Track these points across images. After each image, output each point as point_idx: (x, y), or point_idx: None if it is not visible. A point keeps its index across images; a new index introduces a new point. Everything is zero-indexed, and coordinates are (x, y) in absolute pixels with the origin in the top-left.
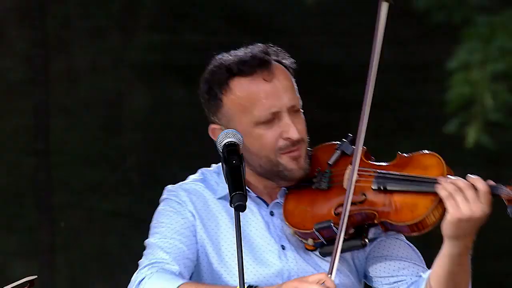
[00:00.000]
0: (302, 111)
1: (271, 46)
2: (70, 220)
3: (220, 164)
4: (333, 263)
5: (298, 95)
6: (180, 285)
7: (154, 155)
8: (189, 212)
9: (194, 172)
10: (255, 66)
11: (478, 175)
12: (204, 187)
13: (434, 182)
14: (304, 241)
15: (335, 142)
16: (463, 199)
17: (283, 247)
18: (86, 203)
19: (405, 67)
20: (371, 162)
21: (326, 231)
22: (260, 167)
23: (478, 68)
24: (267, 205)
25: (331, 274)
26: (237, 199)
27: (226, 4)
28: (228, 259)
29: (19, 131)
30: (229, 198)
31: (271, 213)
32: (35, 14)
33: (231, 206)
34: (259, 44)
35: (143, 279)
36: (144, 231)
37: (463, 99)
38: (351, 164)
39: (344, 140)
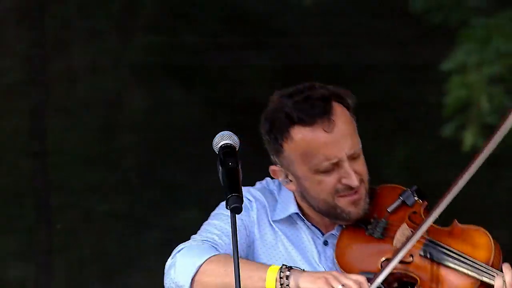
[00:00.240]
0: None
1: (330, 86)
2: (68, 220)
3: (279, 180)
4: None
5: (358, 137)
6: (211, 256)
7: (153, 156)
8: (253, 217)
9: (193, 172)
10: (315, 116)
11: (474, 178)
12: (266, 203)
13: (484, 270)
14: None
15: (400, 187)
16: None
17: None
18: (84, 204)
19: (403, 68)
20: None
21: (370, 280)
22: (318, 208)
23: (474, 71)
24: (322, 234)
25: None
26: (233, 201)
27: (225, 4)
28: None
29: (17, 132)
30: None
31: (325, 243)
32: (34, 14)
33: (227, 208)
34: (316, 85)
35: (184, 247)
36: (143, 231)
37: (460, 102)
38: (408, 219)
39: (408, 189)
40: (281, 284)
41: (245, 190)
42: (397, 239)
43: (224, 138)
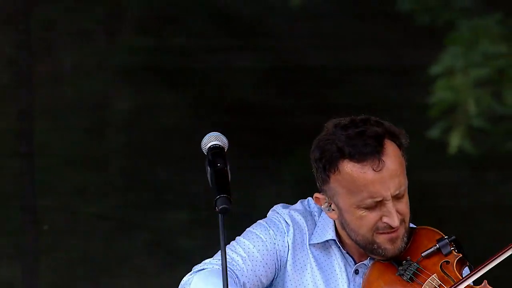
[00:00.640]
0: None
1: (385, 123)
2: (54, 223)
3: (321, 208)
4: None
5: (405, 177)
6: None
7: (140, 157)
8: (287, 242)
9: (181, 174)
10: (366, 154)
11: (460, 180)
12: (306, 223)
13: None
14: None
15: (438, 233)
16: None
17: None
18: (71, 205)
19: (390, 70)
20: (458, 273)
21: None
22: (356, 240)
23: (461, 74)
24: (355, 263)
25: None
26: (222, 202)
27: (212, 7)
28: None
29: (4, 133)
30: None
31: (356, 272)
32: (20, 16)
33: (216, 210)
34: (372, 119)
35: (205, 270)
36: (130, 233)
37: (447, 105)
38: (440, 268)
39: (446, 237)
40: None
41: (285, 211)
42: (424, 287)
43: (212, 139)
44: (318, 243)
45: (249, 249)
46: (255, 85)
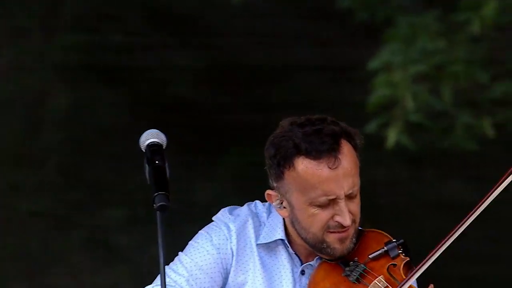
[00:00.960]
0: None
1: (341, 123)
2: None
3: (272, 205)
4: None
5: (358, 178)
6: None
7: (78, 155)
8: (230, 249)
9: (118, 171)
10: (323, 152)
11: (398, 177)
12: (252, 226)
13: None
14: None
15: (387, 236)
16: None
17: None
18: (7, 203)
19: (328, 68)
20: (404, 277)
21: None
22: (305, 239)
23: (400, 70)
24: (301, 264)
25: None
26: (160, 199)
27: (150, 4)
28: None
29: None
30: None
31: (302, 272)
32: None
33: (154, 207)
34: (328, 119)
35: None
36: (67, 231)
37: (384, 100)
38: (387, 270)
39: (395, 241)
40: None
41: (228, 216)
42: None
43: (151, 137)
44: (266, 243)
45: (191, 267)
46: (193, 83)
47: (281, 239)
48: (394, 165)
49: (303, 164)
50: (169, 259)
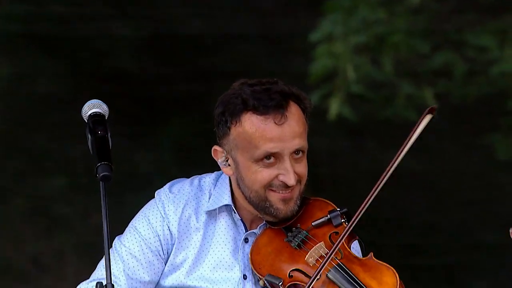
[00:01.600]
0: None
1: (292, 87)
2: None
3: (219, 172)
4: None
5: (306, 141)
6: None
7: (17, 124)
8: (168, 230)
9: (59, 141)
10: (270, 107)
11: (339, 147)
12: (194, 201)
13: None
14: (258, 279)
15: (332, 205)
16: None
17: (244, 277)
18: None
19: (268, 38)
20: (346, 245)
21: (275, 285)
22: (249, 198)
23: (340, 40)
24: (246, 231)
25: None
26: (103, 169)
27: None
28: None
29: None
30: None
31: (246, 240)
32: None
33: (97, 177)
34: (280, 82)
35: None
36: (8, 200)
37: (326, 71)
38: (328, 238)
39: (338, 210)
40: None
41: (168, 194)
42: (310, 254)
43: (93, 107)
44: (212, 210)
45: (127, 256)
46: (133, 54)
47: (228, 205)
48: (335, 136)
49: (249, 120)
50: (112, 229)
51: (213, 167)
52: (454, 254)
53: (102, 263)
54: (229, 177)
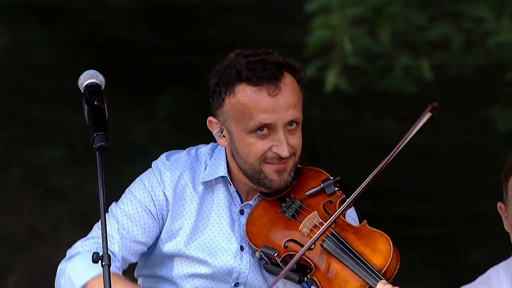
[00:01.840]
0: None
1: (289, 57)
2: None
3: (215, 144)
4: None
5: (300, 113)
6: (98, 275)
7: (14, 94)
8: (164, 195)
9: (56, 111)
10: (263, 78)
11: (335, 118)
12: (189, 170)
13: (374, 276)
14: (254, 250)
15: (325, 174)
16: None
17: (241, 248)
18: None
19: (264, 9)
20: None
21: (271, 256)
22: (243, 170)
23: (337, 12)
24: (241, 203)
25: None
26: (99, 139)
27: None
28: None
29: None
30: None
31: (241, 212)
32: None
33: (93, 147)
34: (275, 53)
35: (78, 254)
36: (4, 170)
37: (323, 43)
38: (322, 207)
39: (332, 178)
40: None
41: (165, 162)
42: (304, 224)
43: (89, 77)
44: (208, 181)
45: (122, 217)
46: (129, 24)
47: (223, 176)
48: (331, 107)
49: (243, 91)
50: (108, 199)
51: (209, 137)
52: (452, 224)
53: (98, 224)
54: (225, 149)
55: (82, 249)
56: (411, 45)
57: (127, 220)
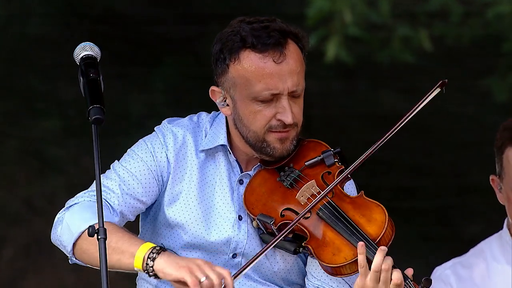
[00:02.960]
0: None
1: (292, 25)
2: None
3: (216, 112)
4: (248, 265)
5: (303, 80)
6: (94, 224)
7: (9, 66)
8: (166, 157)
9: (52, 82)
10: (269, 45)
11: (337, 89)
12: (191, 135)
13: (368, 245)
14: (252, 219)
15: (325, 145)
16: (375, 278)
17: (240, 217)
18: None
19: None
20: (339, 185)
21: (267, 225)
22: (246, 138)
23: None
24: (241, 172)
25: (237, 276)
26: (95, 112)
27: None
28: (176, 212)
29: None
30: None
31: (241, 181)
32: None
33: (89, 120)
34: (278, 20)
35: (77, 204)
36: (0, 141)
37: (323, 14)
38: (321, 177)
39: (331, 149)
40: (146, 264)
41: (168, 125)
42: (301, 193)
43: (85, 49)
44: (208, 149)
45: (123, 173)
46: None
47: (223, 145)
48: (328, 78)
49: (248, 57)
50: (103, 171)
51: (205, 109)
52: (448, 196)
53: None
54: (226, 118)
55: (82, 200)
56: (410, 15)
57: (128, 176)
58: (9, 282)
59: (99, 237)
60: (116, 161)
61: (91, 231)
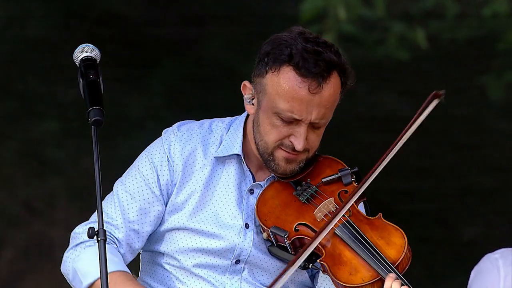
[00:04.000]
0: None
1: (343, 57)
2: None
3: (231, 119)
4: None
5: (331, 114)
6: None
7: (8, 68)
8: (171, 169)
9: (51, 84)
10: (311, 73)
11: None
12: (201, 142)
13: (387, 267)
14: (262, 230)
15: (342, 164)
16: None
17: (246, 226)
18: None
19: None
20: (354, 204)
21: (279, 237)
22: (257, 144)
23: None
24: (253, 182)
25: None
26: (95, 114)
27: None
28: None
29: None
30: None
31: (251, 191)
32: None
33: (88, 122)
34: (334, 47)
35: (89, 249)
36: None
37: (317, 12)
38: (338, 195)
39: (349, 169)
40: None
41: (176, 132)
42: (319, 209)
43: (85, 51)
44: (223, 157)
45: (127, 198)
46: None
47: (238, 154)
48: None
49: (287, 74)
50: (103, 173)
51: (204, 110)
52: (446, 198)
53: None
54: (243, 126)
55: (94, 242)
56: (406, 14)
57: (129, 199)
58: (8, 284)
59: (99, 239)
60: (119, 181)
61: (91, 233)
